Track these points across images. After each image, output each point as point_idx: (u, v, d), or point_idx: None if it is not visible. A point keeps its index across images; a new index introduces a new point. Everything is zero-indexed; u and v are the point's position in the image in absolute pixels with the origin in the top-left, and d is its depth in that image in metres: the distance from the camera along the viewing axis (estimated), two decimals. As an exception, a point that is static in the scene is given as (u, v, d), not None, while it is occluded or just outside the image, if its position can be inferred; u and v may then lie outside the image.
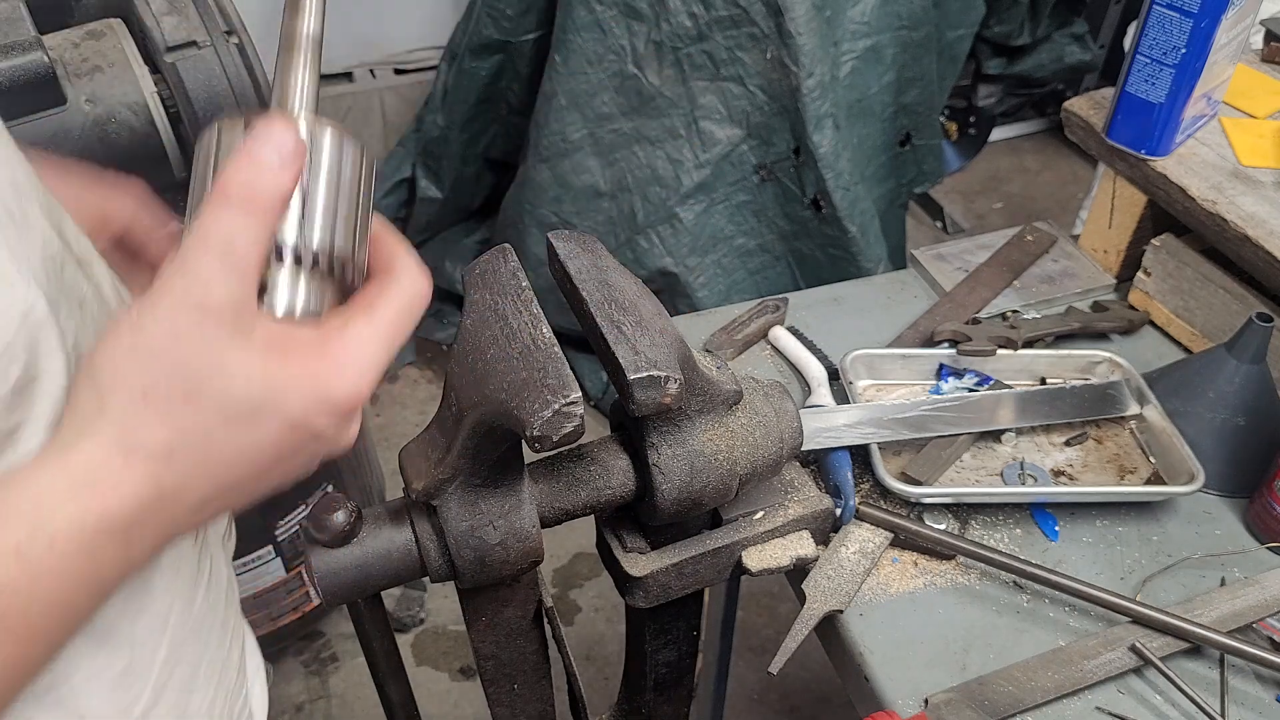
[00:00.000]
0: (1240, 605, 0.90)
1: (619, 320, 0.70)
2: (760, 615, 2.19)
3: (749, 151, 2.33)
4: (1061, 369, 1.13)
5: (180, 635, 0.57)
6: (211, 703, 0.61)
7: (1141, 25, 1.09)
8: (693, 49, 2.25)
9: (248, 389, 0.44)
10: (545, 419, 0.61)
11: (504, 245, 0.74)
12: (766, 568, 0.86)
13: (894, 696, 0.85)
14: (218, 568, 0.64)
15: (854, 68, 2.30)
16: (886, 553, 0.96)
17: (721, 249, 2.43)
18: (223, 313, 0.43)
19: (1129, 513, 1.01)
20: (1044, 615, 0.92)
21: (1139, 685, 0.86)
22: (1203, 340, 1.15)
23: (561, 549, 2.29)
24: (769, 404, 0.82)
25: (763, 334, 1.19)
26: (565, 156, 2.40)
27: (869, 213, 2.38)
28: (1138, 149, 1.16)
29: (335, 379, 0.46)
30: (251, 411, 0.44)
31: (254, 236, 0.44)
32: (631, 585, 0.83)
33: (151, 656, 0.54)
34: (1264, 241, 1.04)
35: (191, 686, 0.58)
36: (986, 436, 1.06)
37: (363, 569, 0.73)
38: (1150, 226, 1.22)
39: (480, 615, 0.82)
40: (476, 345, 0.68)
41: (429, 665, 2.09)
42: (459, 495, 0.72)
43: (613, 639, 2.14)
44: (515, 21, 2.47)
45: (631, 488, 0.79)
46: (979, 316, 1.20)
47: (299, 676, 2.07)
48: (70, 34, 1.26)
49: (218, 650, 0.62)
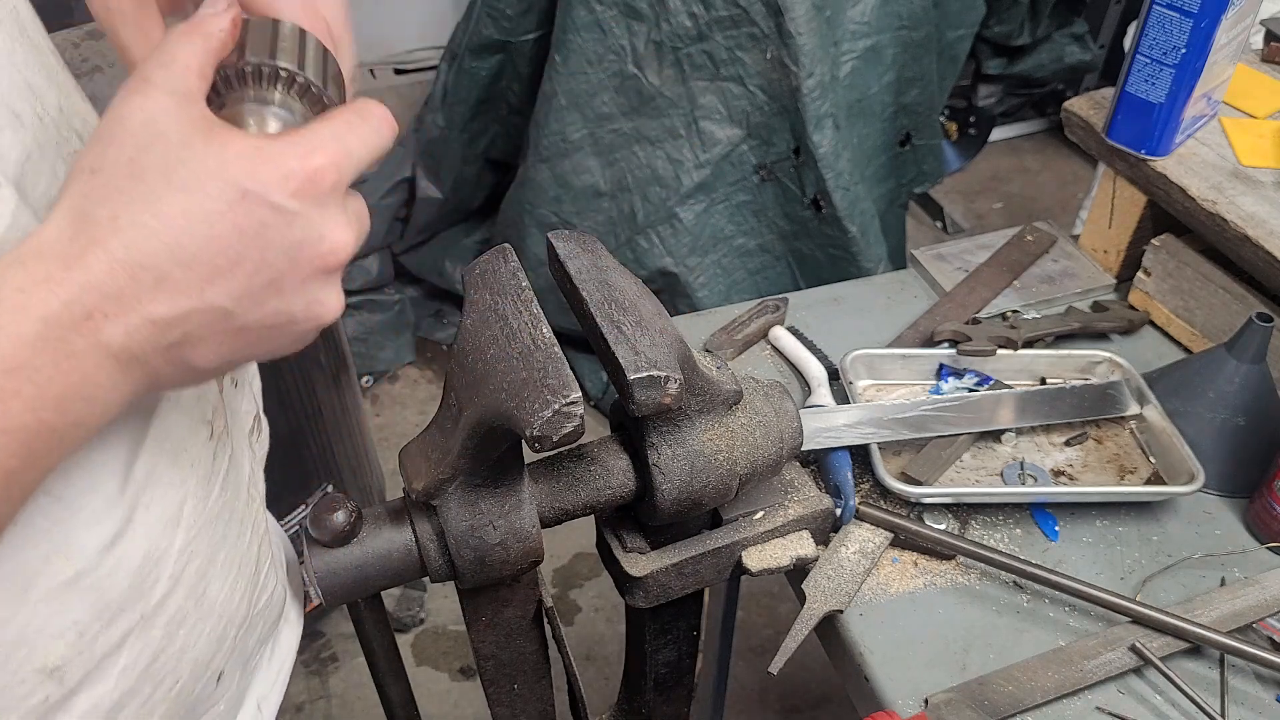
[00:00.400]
0: (1240, 605, 0.90)
1: (619, 320, 0.70)
2: (760, 615, 2.19)
3: (749, 151, 2.33)
4: (1061, 369, 1.13)
5: (195, 526, 0.58)
6: (230, 593, 0.63)
7: (1141, 25, 1.09)
8: (693, 49, 2.25)
9: (189, 152, 0.45)
10: (545, 419, 0.61)
11: (504, 245, 0.74)
12: (766, 568, 0.86)
13: (894, 696, 0.85)
14: (239, 462, 0.65)
15: (854, 68, 2.30)
16: (886, 553, 0.96)
17: (721, 249, 2.43)
18: (165, 98, 0.46)
19: (1129, 513, 1.01)
20: (1044, 615, 0.92)
21: (1139, 685, 0.86)
22: (1203, 340, 1.15)
23: (561, 549, 2.29)
24: (769, 404, 0.82)
25: (763, 334, 1.19)
26: (565, 156, 2.40)
27: (869, 213, 2.38)
28: (1138, 149, 1.16)
29: (285, 147, 0.47)
30: (195, 175, 0.45)
31: (193, 49, 0.49)
32: (631, 585, 0.83)
33: (168, 546, 0.56)
34: (1264, 241, 1.04)
35: (208, 575, 0.60)
36: (986, 436, 1.06)
37: (362, 569, 0.73)
38: (1150, 226, 1.22)
39: (480, 615, 0.82)
40: (476, 345, 0.68)
41: (429, 665, 2.09)
42: (459, 495, 0.72)
43: (613, 639, 2.14)
44: (515, 21, 2.47)
45: (631, 488, 0.79)
46: (979, 316, 1.20)
47: (299, 676, 2.07)
48: (70, 34, 1.26)
49: (236, 542, 0.64)
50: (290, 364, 1.62)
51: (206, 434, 0.61)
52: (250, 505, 0.67)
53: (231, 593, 0.63)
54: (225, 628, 0.63)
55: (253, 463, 0.70)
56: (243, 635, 0.66)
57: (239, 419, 0.69)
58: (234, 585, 0.63)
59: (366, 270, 2.75)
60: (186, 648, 0.59)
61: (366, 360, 2.70)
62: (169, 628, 0.57)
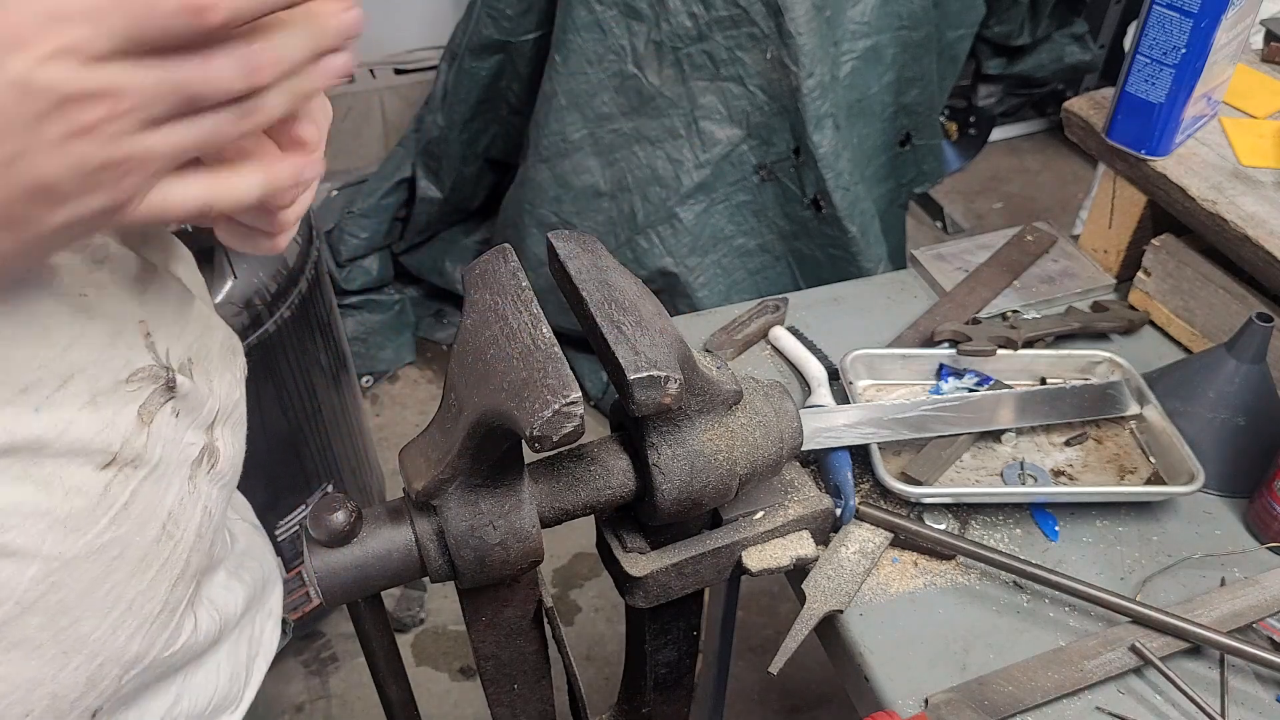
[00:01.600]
0: (1240, 605, 0.90)
1: (619, 320, 0.70)
2: (760, 615, 2.19)
3: (749, 151, 2.33)
4: (1061, 369, 1.13)
5: (62, 558, 0.56)
6: (114, 632, 0.60)
7: (1141, 25, 1.09)
8: (693, 49, 2.25)
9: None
10: (545, 419, 0.61)
11: (504, 245, 0.74)
12: (766, 568, 0.86)
13: (894, 696, 0.85)
14: (154, 498, 0.62)
15: (854, 68, 2.30)
16: (886, 553, 0.96)
17: (721, 249, 2.43)
18: None
19: (1129, 513, 1.01)
20: (1044, 615, 0.92)
21: (1139, 685, 0.86)
22: (1203, 340, 1.15)
23: (561, 549, 2.30)
24: (769, 404, 0.82)
25: (763, 334, 1.19)
26: (565, 156, 2.40)
27: (869, 213, 2.38)
28: (1138, 149, 1.16)
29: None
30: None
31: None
32: (631, 585, 0.83)
33: (17, 572, 0.54)
34: (1264, 241, 1.04)
35: (77, 609, 0.58)
36: (986, 436, 1.06)
37: (362, 569, 0.73)
38: (1150, 226, 1.22)
39: (480, 615, 0.82)
40: (476, 345, 0.68)
41: (429, 665, 2.09)
42: (459, 495, 0.72)
43: (613, 639, 2.14)
44: (515, 21, 2.47)
45: (631, 488, 0.79)
46: (979, 316, 1.20)
47: (299, 676, 2.07)
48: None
49: (130, 581, 0.60)
50: (290, 364, 1.62)
51: (98, 463, 0.58)
52: (166, 544, 0.63)
53: (115, 631, 0.60)
54: (103, 666, 0.60)
55: (188, 498, 0.66)
56: (136, 676, 0.63)
57: (175, 449, 0.64)
58: (119, 624, 0.60)
59: (366, 270, 2.75)
60: (41, 680, 0.56)
61: (366, 360, 2.70)
62: (16, 654, 0.55)
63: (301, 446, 1.71)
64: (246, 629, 0.78)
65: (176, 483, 0.64)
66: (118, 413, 0.59)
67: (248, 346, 1.51)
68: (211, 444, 0.68)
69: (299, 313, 1.60)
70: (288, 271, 1.57)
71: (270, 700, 2.03)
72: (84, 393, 0.57)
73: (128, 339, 0.61)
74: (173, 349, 0.64)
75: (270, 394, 1.60)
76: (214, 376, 0.70)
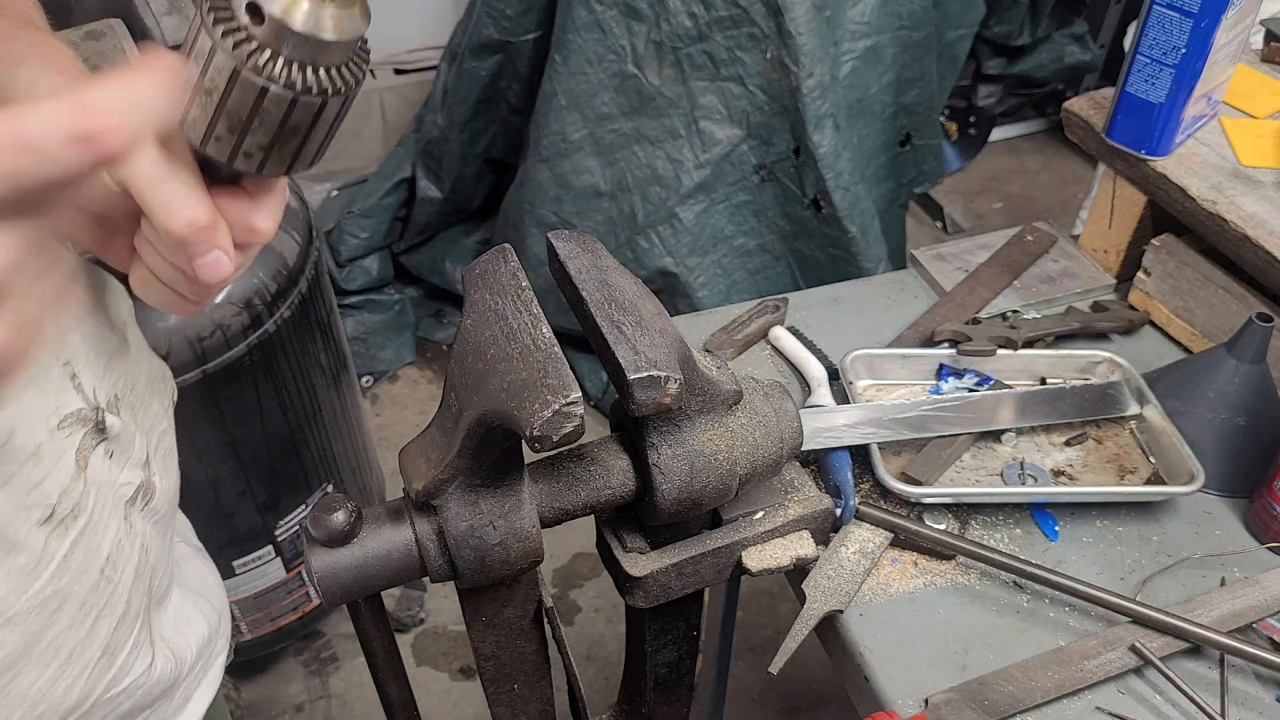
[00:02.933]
0: (1240, 605, 0.90)
1: (619, 320, 0.70)
2: (760, 615, 2.19)
3: (749, 151, 2.33)
4: (1061, 369, 1.13)
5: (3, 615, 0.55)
6: (54, 682, 0.60)
7: (1141, 25, 1.09)
8: (693, 49, 2.25)
9: None
10: (545, 419, 0.61)
11: (504, 245, 0.74)
12: (766, 568, 0.86)
13: (894, 696, 0.85)
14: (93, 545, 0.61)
15: (854, 68, 2.30)
16: (886, 553, 0.96)
17: (721, 249, 2.43)
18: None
19: (1129, 513, 1.01)
20: (1044, 615, 0.92)
21: (1139, 685, 0.86)
22: (1203, 340, 1.15)
23: (561, 549, 2.29)
24: (769, 404, 0.82)
25: (763, 334, 1.19)
26: (565, 156, 2.40)
27: (869, 213, 2.38)
28: (1138, 149, 1.16)
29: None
30: None
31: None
32: (631, 585, 0.83)
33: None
34: (1264, 241, 1.04)
35: (18, 665, 0.57)
36: (986, 436, 1.06)
37: (362, 569, 0.73)
38: (1150, 226, 1.22)
39: (480, 615, 0.82)
40: (476, 345, 0.68)
41: (429, 665, 2.09)
42: (459, 495, 0.72)
43: (613, 639, 2.14)
44: (515, 21, 2.47)
45: (631, 488, 0.79)
46: (979, 316, 1.20)
47: (299, 676, 2.07)
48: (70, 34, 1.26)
49: (71, 630, 0.60)
50: (290, 364, 1.62)
51: (38, 517, 0.57)
52: (105, 589, 0.63)
53: (55, 682, 0.60)
54: (44, 715, 0.60)
55: (125, 538, 0.64)
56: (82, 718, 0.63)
57: (110, 491, 0.63)
58: (60, 674, 0.60)
59: (366, 270, 2.75)
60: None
61: (366, 360, 2.70)
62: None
63: (301, 446, 1.71)
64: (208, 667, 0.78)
65: (114, 525, 0.63)
66: (57, 461, 0.58)
67: (248, 346, 1.52)
68: (147, 480, 0.67)
69: (299, 313, 1.60)
70: (288, 271, 1.57)
71: (270, 700, 2.03)
72: (28, 447, 0.56)
73: (55, 383, 0.59)
74: (99, 387, 0.63)
75: (270, 394, 1.60)
76: (139, 410, 0.68)
